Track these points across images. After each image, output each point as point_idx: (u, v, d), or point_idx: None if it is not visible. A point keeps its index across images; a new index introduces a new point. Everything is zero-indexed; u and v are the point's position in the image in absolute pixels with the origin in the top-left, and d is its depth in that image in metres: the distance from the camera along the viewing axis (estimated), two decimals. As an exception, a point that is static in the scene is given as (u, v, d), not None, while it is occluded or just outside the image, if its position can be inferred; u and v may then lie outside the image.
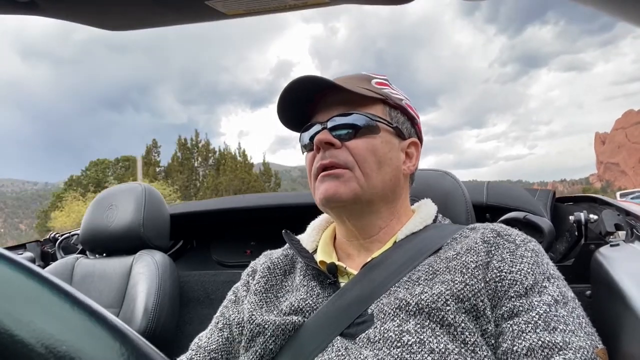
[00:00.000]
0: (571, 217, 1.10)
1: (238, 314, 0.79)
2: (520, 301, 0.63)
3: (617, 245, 0.95)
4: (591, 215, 1.10)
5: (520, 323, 0.62)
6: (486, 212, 1.25)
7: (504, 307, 0.64)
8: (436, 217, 0.84)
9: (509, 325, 0.62)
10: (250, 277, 0.86)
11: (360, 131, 0.76)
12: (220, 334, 0.81)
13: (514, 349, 0.60)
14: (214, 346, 0.79)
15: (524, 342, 0.60)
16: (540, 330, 0.60)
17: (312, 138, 0.79)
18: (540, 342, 0.59)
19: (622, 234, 1.02)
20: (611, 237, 1.02)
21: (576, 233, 1.09)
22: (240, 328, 0.76)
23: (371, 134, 0.77)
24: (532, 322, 0.61)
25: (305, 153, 0.83)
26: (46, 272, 0.29)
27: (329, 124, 0.77)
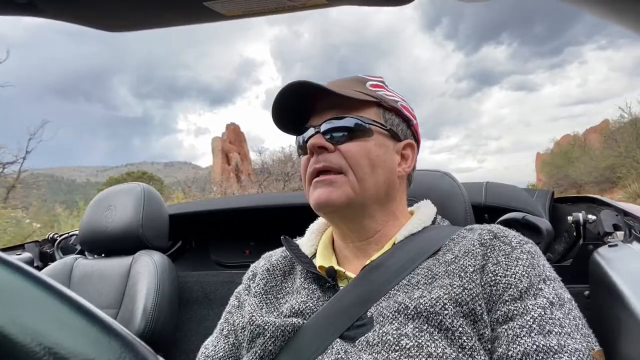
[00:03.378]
0: (570, 218, 1.10)
1: (242, 318, 0.78)
2: (515, 305, 0.63)
3: (616, 245, 0.95)
4: (589, 216, 1.10)
5: (515, 327, 0.61)
6: (485, 212, 1.25)
7: (499, 311, 0.64)
8: (435, 218, 0.83)
9: (504, 330, 0.62)
10: (251, 281, 0.86)
11: (353, 134, 0.76)
12: (226, 341, 0.81)
13: (509, 353, 0.60)
14: (221, 354, 0.80)
15: (518, 347, 0.60)
16: (535, 334, 0.60)
17: (306, 142, 0.79)
18: (535, 347, 0.59)
19: (620, 234, 1.02)
20: (609, 237, 1.02)
21: (575, 233, 1.10)
22: (243, 330, 0.76)
23: (364, 136, 0.77)
24: (527, 326, 0.61)
25: (301, 156, 0.83)
26: (42, 273, 0.29)
27: (322, 128, 0.77)
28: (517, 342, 0.60)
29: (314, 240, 0.87)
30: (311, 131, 0.79)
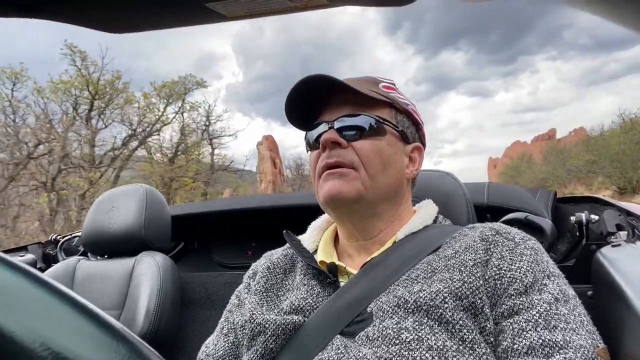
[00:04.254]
0: (572, 218, 1.10)
1: (242, 316, 0.79)
2: (521, 299, 0.63)
3: (619, 245, 0.95)
4: (592, 216, 1.10)
5: (520, 321, 0.61)
6: (487, 212, 1.24)
7: (504, 305, 0.64)
8: (436, 217, 0.84)
9: (509, 324, 0.62)
10: (251, 279, 0.87)
11: (366, 132, 0.77)
12: (226, 340, 0.81)
13: (515, 347, 0.60)
14: (221, 352, 0.80)
15: (524, 341, 0.60)
16: (541, 329, 0.60)
17: (318, 137, 0.79)
18: (540, 341, 0.59)
19: (623, 234, 1.01)
20: (612, 237, 1.02)
21: (577, 233, 1.09)
22: (243, 329, 0.76)
23: (377, 135, 0.77)
24: (533, 320, 0.61)
25: (310, 152, 0.83)
26: (45, 275, 0.29)
27: (336, 124, 0.77)
28: (523, 336, 0.60)
29: (316, 237, 0.87)
30: (324, 126, 0.79)
